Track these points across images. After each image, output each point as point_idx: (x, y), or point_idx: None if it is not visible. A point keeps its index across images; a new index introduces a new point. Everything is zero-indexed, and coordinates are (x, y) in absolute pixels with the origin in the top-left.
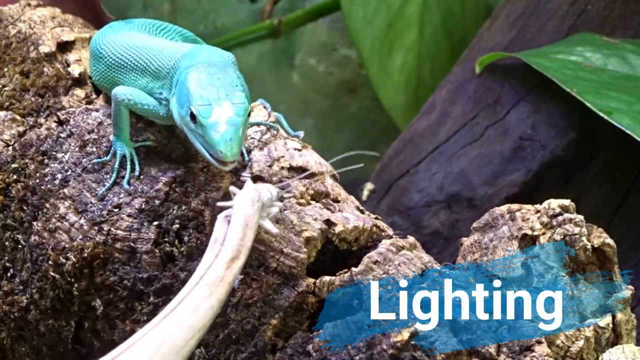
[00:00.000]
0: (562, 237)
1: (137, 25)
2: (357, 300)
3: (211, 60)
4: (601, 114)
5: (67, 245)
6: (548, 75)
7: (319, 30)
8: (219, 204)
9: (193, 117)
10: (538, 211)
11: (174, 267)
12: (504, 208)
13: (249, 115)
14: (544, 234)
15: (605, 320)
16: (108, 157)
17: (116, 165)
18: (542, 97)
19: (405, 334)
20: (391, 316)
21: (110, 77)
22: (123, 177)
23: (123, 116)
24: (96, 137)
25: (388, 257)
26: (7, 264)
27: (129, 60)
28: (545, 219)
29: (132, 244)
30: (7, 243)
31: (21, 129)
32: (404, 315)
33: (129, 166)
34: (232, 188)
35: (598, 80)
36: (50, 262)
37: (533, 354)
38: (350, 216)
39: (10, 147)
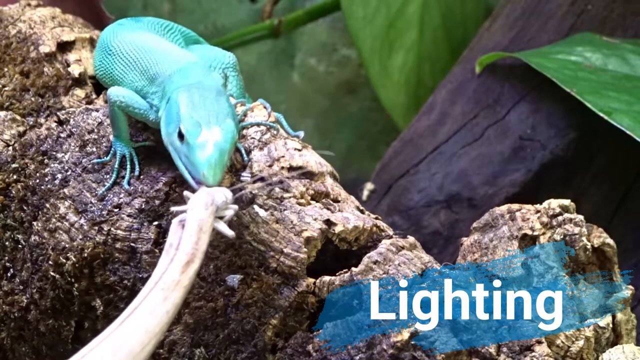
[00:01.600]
0: (562, 237)
1: (145, 24)
2: (357, 300)
3: (205, 83)
4: (601, 114)
5: (67, 245)
6: (548, 75)
7: (319, 30)
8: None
9: (181, 136)
10: (538, 211)
11: None
12: (504, 208)
13: (235, 143)
14: (544, 234)
15: (605, 320)
16: (108, 158)
17: (116, 165)
18: (542, 97)
19: (405, 334)
20: (391, 316)
21: (111, 73)
22: (123, 177)
23: (119, 116)
24: (96, 137)
25: (388, 257)
26: (7, 264)
27: (132, 59)
28: (545, 219)
29: (132, 244)
30: (7, 243)
31: (21, 129)
32: (404, 315)
33: (129, 166)
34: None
35: (598, 81)
36: (50, 262)
37: (533, 354)
38: (350, 216)
39: (10, 147)
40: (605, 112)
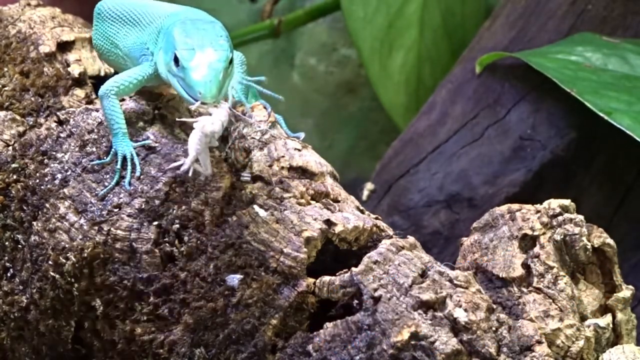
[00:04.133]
0: (562, 237)
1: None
2: (357, 300)
3: (199, 16)
4: (601, 114)
5: (67, 245)
6: (548, 75)
7: (319, 30)
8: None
9: (177, 61)
10: (538, 211)
11: (174, 267)
12: (504, 208)
13: (230, 62)
14: (544, 234)
15: (605, 320)
16: (108, 159)
17: (118, 166)
18: (542, 97)
19: (405, 334)
20: (391, 316)
21: (106, 35)
22: (124, 177)
23: (116, 111)
24: (96, 137)
25: (388, 257)
26: (7, 264)
27: (123, 14)
28: (545, 219)
29: (132, 244)
30: (7, 243)
31: (21, 129)
32: (404, 315)
33: (129, 166)
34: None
35: (598, 80)
36: (50, 262)
37: (533, 354)
38: (350, 216)
39: (10, 147)
40: (605, 112)
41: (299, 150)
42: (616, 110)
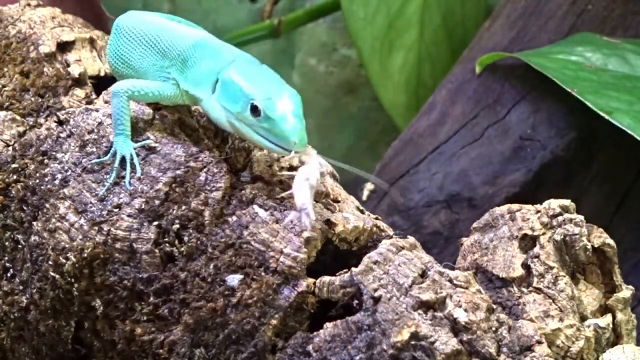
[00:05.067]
0: (562, 237)
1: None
2: (357, 300)
3: (243, 56)
4: (602, 114)
5: (67, 246)
6: (549, 75)
7: (319, 30)
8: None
9: (255, 111)
10: (538, 211)
11: (174, 267)
12: (504, 208)
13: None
14: (544, 234)
15: (605, 320)
16: (107, 157)
17: (116, 165)
18: (542, 97)
19: (405, 334)
20: (391, 316)
21: (120, 53)
22: (123, 177)
23: (125, 112)
24: (96, 137)
25: (388, 257)
26: (7, 264)
27: (140, 35)
28: (545, 219)
29: (132, 244)
30: (7, 243)
31: (21, 129)
32: (404, 315)
33: (128, 166)
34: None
35: (598, 80)
36: (50, 262)
37: (533, 354)
38: (350, 216)
39: (10, 147)
40: (606, 112)
41: None
42: (617, 110)
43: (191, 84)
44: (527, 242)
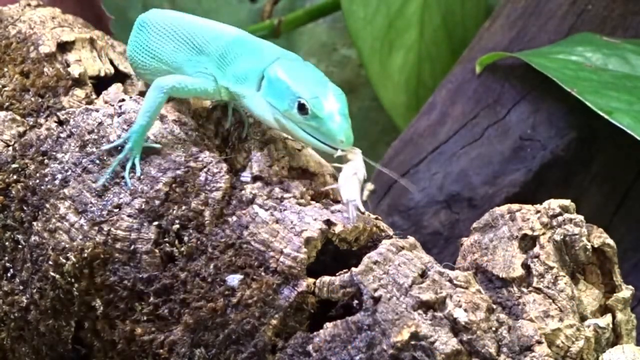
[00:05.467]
0: (562, 237)
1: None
2: (357, 300)
3: (287, 53)
4: (602, 114)
5: (67, 246)
6: (549, 75)
7: (319, 30)
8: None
9: (302, 109)
10: (538, 211)
11: (174, 267)
12: (504, 208)
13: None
14: (544, 234)
15: (605, 320)
16: (119, 142)
17: (121, 156)
18: (542, 97)
19: (405, 334)
20: (391, 316)
21: (150, 47)
22: (123, 176)
23: (158, 107)
24: (96, 137)
25: (388, 257)
26: (7, 264)
27: (172, 30)
28: (545, 219)
29: (132, 244)
30: (7, 243)
31: (21, 129)
32: (404, 315)
33: (128, 166)
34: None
35: (598, 80)
36: (50, 262)
37: (533, 354)
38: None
39: (10, 147)
40: (606, 112)
41: (299, 150)
42: (617, 110)
43: (232, 80)
44: (527, 242)
